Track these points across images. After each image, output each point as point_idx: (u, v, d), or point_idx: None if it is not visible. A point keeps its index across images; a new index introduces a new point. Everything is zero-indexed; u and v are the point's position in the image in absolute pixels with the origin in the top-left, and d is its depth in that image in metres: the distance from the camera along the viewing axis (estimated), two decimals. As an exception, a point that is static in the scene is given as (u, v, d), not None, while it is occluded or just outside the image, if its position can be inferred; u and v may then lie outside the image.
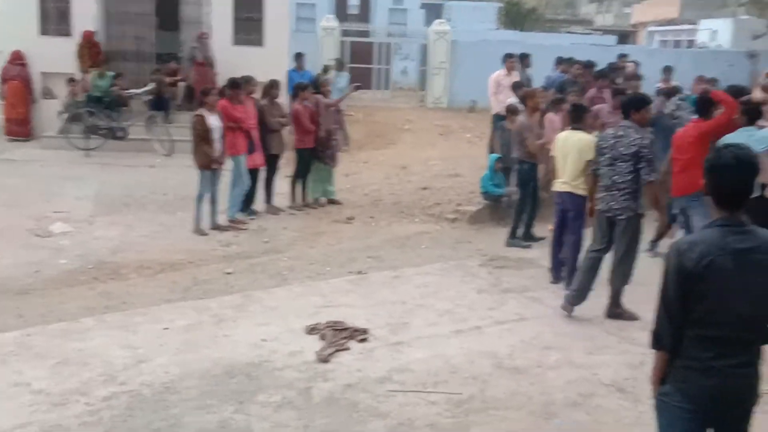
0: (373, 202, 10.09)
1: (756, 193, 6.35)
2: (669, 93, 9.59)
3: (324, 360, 4.99)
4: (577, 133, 6.62)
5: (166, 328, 5.52)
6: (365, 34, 21.47)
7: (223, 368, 4.86)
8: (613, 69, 11.44)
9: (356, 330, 5.48)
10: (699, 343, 2.66)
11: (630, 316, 5.87)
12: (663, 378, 2.79)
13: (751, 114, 6.56)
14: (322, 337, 5.34)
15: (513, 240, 8.14)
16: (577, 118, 6.73)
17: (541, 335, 5.56)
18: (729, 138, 6.32)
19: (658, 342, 2.78)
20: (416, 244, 8.25)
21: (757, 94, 7.59)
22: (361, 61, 19.01)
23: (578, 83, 10.47)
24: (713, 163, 2.67)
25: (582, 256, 6.61)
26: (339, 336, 5.34)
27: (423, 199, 10.08)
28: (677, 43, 26.61)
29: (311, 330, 5.49)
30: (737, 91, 7.26)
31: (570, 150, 6.56)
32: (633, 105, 5.93)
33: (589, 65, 11.35)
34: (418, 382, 4.74)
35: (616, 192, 5.79)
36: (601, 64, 11.51)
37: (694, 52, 21.26)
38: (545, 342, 5.44)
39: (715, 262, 2.58)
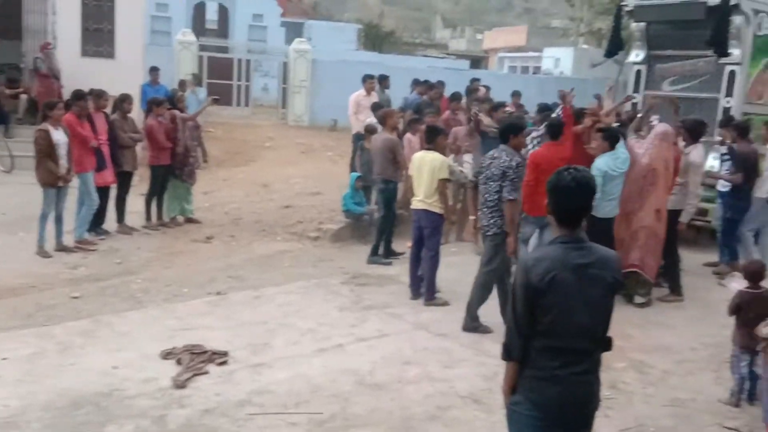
0: (233, 221, 9.89)
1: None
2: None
3: (180, 385, 4.80)
4: (430, 153, 6.91)
5: (5, 359, 5.10)
6: (224, 49, 21.08)
7: (69, 399, 4.55)
8: (470, 92, 11.97)
9: (215, 353, 5.32)
10: (545, 353, 2.81)
11: (485, 330, 6.12)
12: (514, 388, 2.92)
13: (612, 139, 7.09)
14: (179, 362, 5.14)
15: (374, 257, 8.26)
16: (431, 139, 7.01)
17: (401, 351, 5.66)
18: (598, 162, 6.82)
19: (508, 354, 2.90)
20: (278, 262, 8.17)
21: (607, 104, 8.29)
22: (221, 77, 18.62)
23: (434, 105, 10.87)
24: (555, 185, 2.84)
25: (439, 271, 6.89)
26: (197, 360, 5.16)
27: (285, 218, 10.00)
28: (525, 69, 28.17)
29: (167, 355, 5.27)
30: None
31: (425, 169, 6.82)
32: (512, 131, 6.33)
33: (440, 84, 11.93)
34: (279, 403, 4.67)
35: (486, 209, 6.16)
36: (455, 87, 12.00)
37: (539, 78, 22.62)
38: (405, 357, 5.54)
39: (557, 277, 2.74)
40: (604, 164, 6.82)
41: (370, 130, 9.13)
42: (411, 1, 76.98)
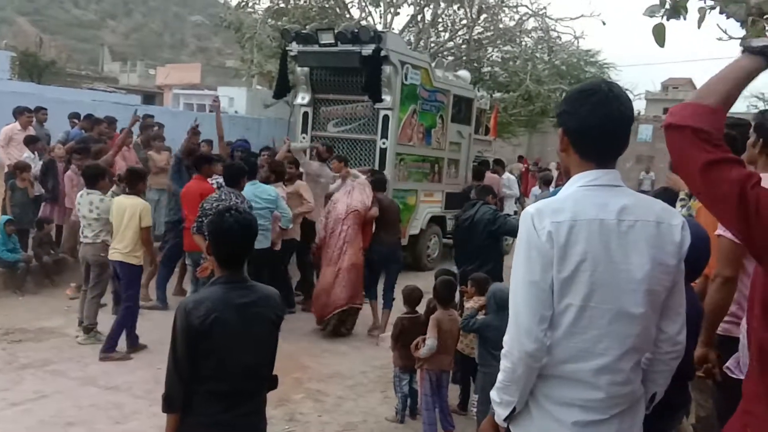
0: None
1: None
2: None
3: None
4: (131, 198, 6.53)
5: None
6: None
7: None
8: (144, 128, 11.47)
9: None
10: (208, 398, 2.72)
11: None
12: None
13: (278, 173, 7.45)
14: None
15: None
16: (133, 184, 6.62)
17: (63, 411, 5.10)
18: (246, 191, 6.96)
19: (169, 405, 2.76)
20: None
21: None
22: None
23: (102, 140, 10.20)
24: (216, 227, 2.80)
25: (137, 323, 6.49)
26: None
27: None
28: (201, 107, 27.96)
29: None
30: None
31: (125, 216, 6.41)
32: (243, 174, 6.75)
33: (111, 120, 11.25)
34: None
35: None
36: (125, 123, 11.40)
37: (215, 116, 22.64)
38: (68, 418, 5.00)
39: (219, 318, 2.68)
40: (249, 192, 7.10)
41: (21, 167, 8.24)
42: (75, 32, 72.29)
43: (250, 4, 18.49)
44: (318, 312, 7.56)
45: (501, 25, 18.80)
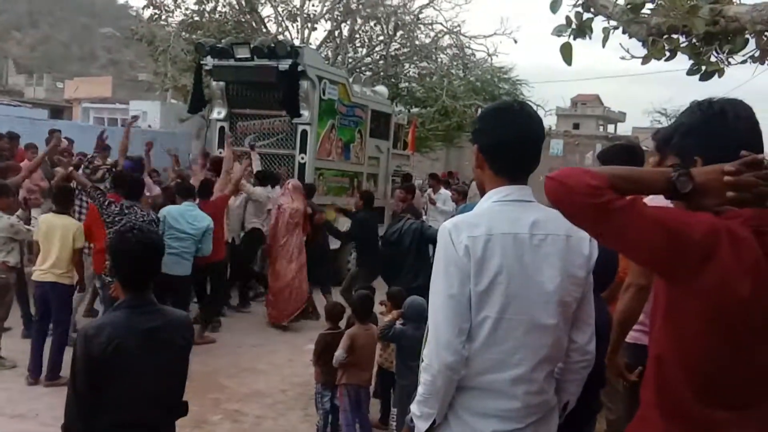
0: None
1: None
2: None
3: None
4: (61, 217, 6.24)
5: None
6: None
7: None
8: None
9: None
10: (113, 429, 2.57)
11: None
12: None
13: (185, 192, 7.34)
14: None
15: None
16: (61, 201, 6.34)
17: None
18: (167, 209, 7.00)
19: None
20: None
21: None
22: None
23: (4, 156, 9.74)
24: (118, 247, 2.67)
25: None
26: None
27: None
28: (113, 121, 27.11)
29: None
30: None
31: (55, 235, 6.13)
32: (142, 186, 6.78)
33: (13, 137, 10.75)
34: None
35: None
36: (31, 138, 10.96)
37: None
38: (-31, 451, 4.74)
39: (122, 345, 2.53)
40: (176, 212, 7.05)
41: None
42: (-25, 43, 68.92)
43: (163, 17, 18.10)
44: (282, 307, 8.50)
45: (417, 42, 19.11)
